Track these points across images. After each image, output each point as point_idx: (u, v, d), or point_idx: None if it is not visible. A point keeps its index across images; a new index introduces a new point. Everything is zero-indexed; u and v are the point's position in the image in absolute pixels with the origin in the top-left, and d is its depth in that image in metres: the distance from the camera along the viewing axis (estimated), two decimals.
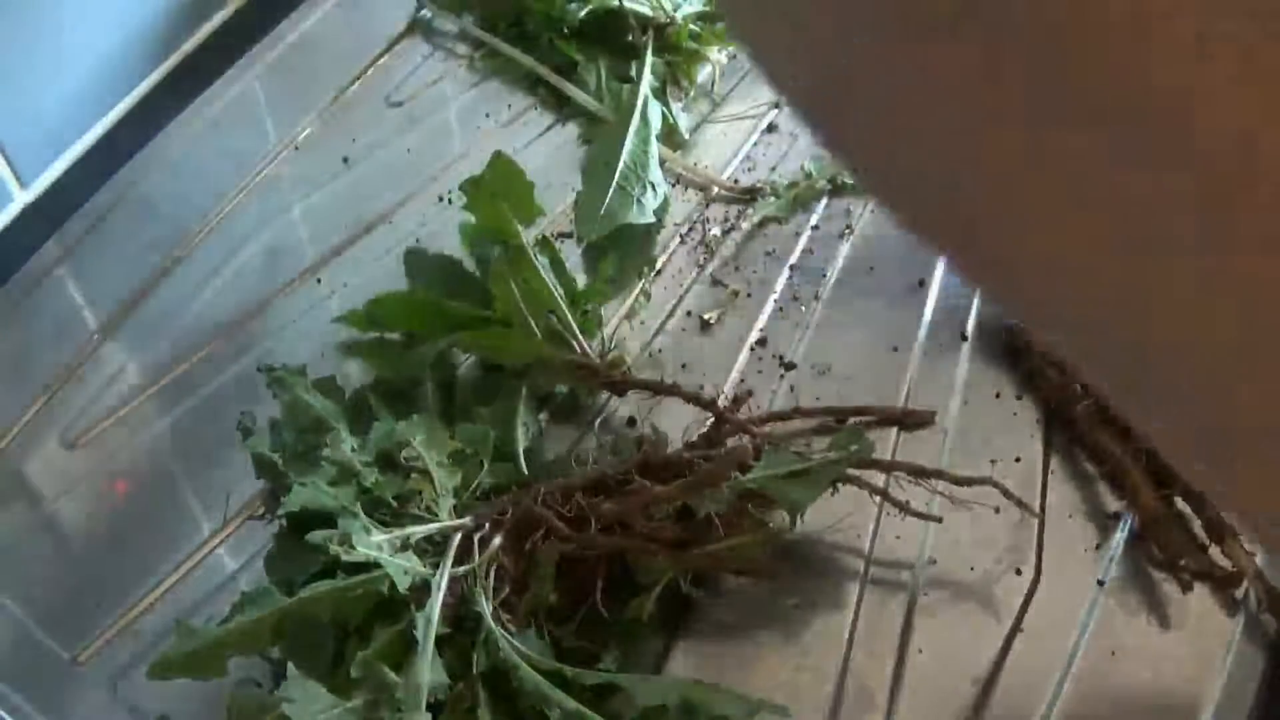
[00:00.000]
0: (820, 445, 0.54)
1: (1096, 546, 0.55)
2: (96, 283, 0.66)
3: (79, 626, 0.53)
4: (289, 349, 0.62)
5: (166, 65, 0.75)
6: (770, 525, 0.51)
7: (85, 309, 0.65)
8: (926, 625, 0.52)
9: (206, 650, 0.46)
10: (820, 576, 0.54)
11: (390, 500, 0.51)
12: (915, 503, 0.53)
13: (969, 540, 0.55)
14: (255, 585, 0.50)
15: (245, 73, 0.76)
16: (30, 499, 0.58)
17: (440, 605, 0.46)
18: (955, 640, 0.52)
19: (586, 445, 0.58)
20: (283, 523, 0.53)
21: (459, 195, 0.68)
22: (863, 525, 0.55)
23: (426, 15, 0.80)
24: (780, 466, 0.51)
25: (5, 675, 0.52)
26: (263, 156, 0.72)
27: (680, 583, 0.51)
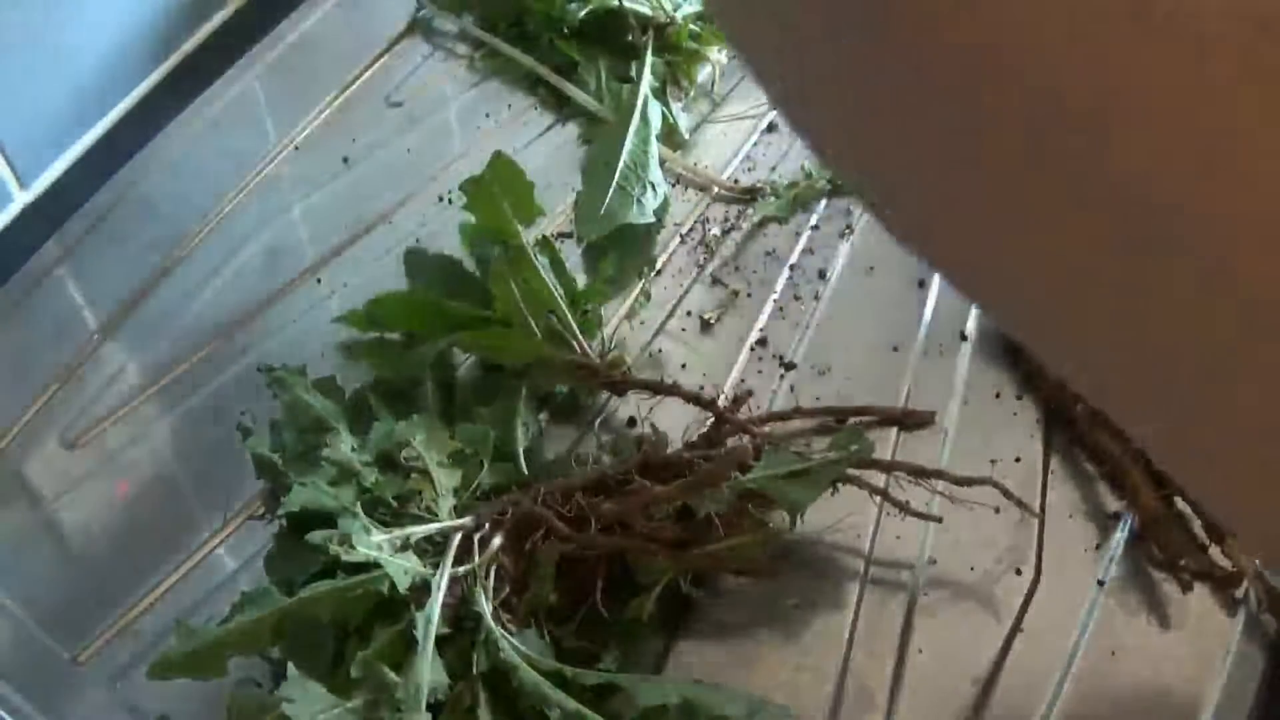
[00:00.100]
0: (820, 445, 0.54)
1: (1096, 546, 0.55)
2: (96, 283, 0.66)
3: (79, 626, 0.53)
4: (289, 349, 0.62)
5: (166, 65, 0.75)
6: (770, 525, 0.51)
7: (85, 309, 0.65)
8: (926, 625, 0.52)
9: (206, 650, 0.46)
10: (820, 576, 0.54)
11: (390, 500, 0.51)
12: (915, 503, 0.53)
13: (969, 540, 0.55)
14: (255, 585, 0.50)
15: (245, 73, 0.76)
16: (30, 499, 0.58)
17: (440, 605, 0.46)
18: (955, 640, 0.52)
19: (586, 445, 0.58)
20: (283, 523, 0.53)
21: (459, 195, 0.68)
22: (863, 525, 0.55)
23: (426, 15, 0.80)
24: (780, 466, 0.51)
25: (5, 675, 0.52)
26: (263, 156, 0.72)
27: (680, 583, 0.51)
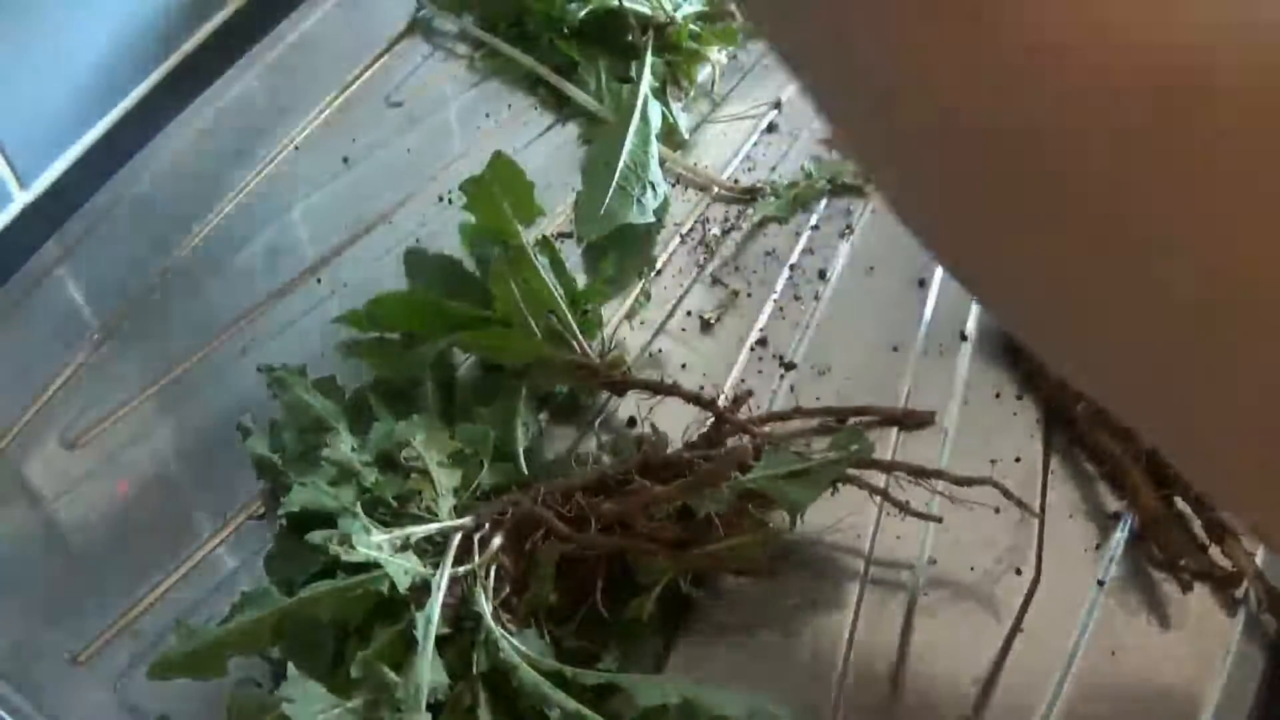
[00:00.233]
0: (820, 445, 0.54)
1: (1096, 546, 0.55)
2: (96, 283, 0.66)
3: (79, 626, 0.53)
4: (289, 349, 0.62)
5: (166, 65, 0.75)
6: (770, 525, 0.51)
7: (85, 309, 0.65)
8: (926, 625, 0.52)
9: (206, 650, 0.46)
10: (820, 576, 0.54)
11: (390, 500, 0.51)
12: (915, 503, 0.53)
13: (969, 540, 0.55)
14: (255, 585, 0.50)
15: (245, 73, 0.76)
16: (30, 499, 0.58)
17: (440, 605, 0.46)
18: (955, 640, 0.52)
19: (586, 445, 0.58)
20: (283, 523, 0.53)
21: (459, 195, 0.68)
22: (863, 525, 0.55)
23: (426, 15, 0.79)
24: (780, 466, 0.51)
25: (5, 675, 0.52)
26: (263, 156, 0.72)
27: (680, 583, 0.51)
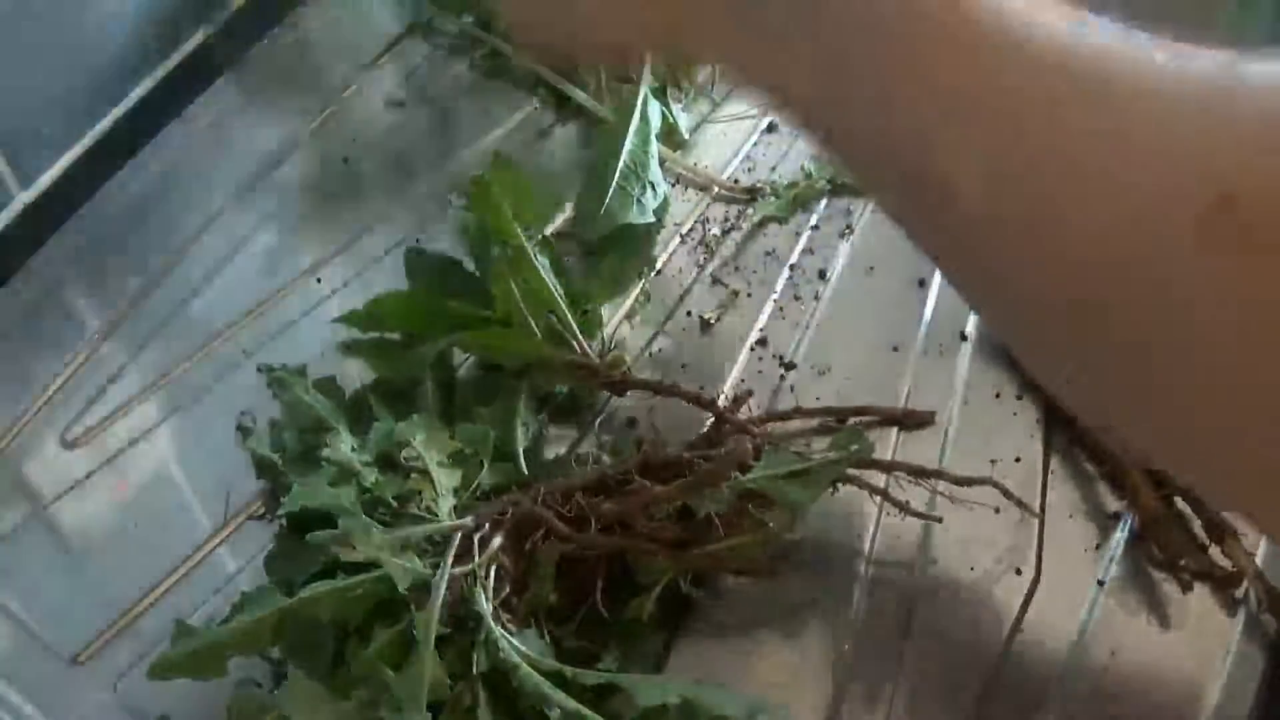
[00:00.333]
0: (820, 445, 0.54)
1: (1096, 546, 0.55)
2: (96, 283, 0.66)
3: (79, 626, 0.53)
4: (289, 349, 0.62)
5: (167, 65, 0.75)
6: (770, 525, 0.51)
7: (85, 309, 0.65)
8: (926, 625, 0.52)
9: (206, 650, 0.46)
10: (820, 576, 0.54)
11: (390, 500, 0.51)
12: (915, 503, 0.53)
13: (969, 540, 0.55)
14: (255, 585, 0.50)
15: (245, 73, 0.76)
16: (30, 499, 0.58)
17: (440, 605, 0.46)
18: (955, 640, 0.52)
19: (586, 445, 0.58)
20: (283, 523, 0.53)
21: (459, 195, 0.68)
22: (863, 525, 0.55)
23: (426, 15, 0.79)
24: (780, 466, 0.51)
25: (5, 675, 0.52)
26: (263, 157, 0.72)
27: (680, 583, 0.51)
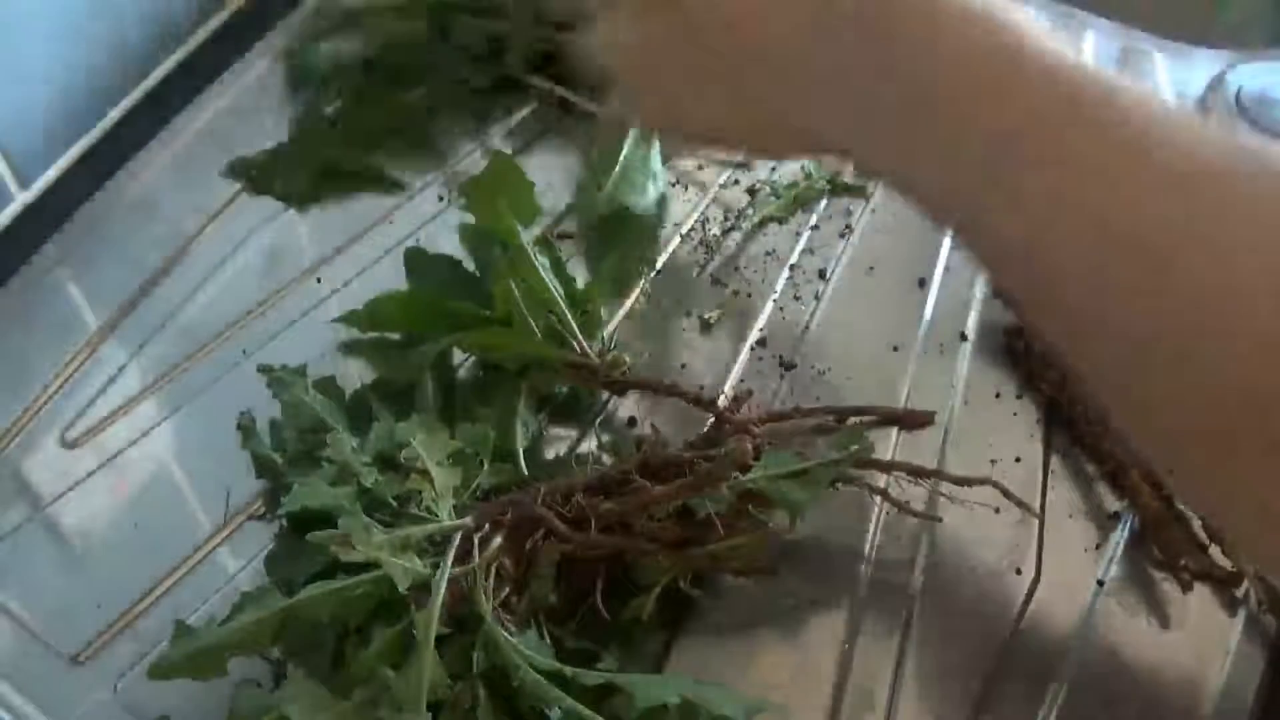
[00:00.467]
0: (820, 445, 0.54)
1: (1096, 546, 0.55)
2: (96, 283, 0.66)
3: (79, 626, 0.53)
4: (289, 349, 0.62)
5: (167, 65, 0.75)
6: (770, 525, 0.51)
7: (85, 309, 0.65)
8: (927, 625, 0.52)
9: (206, 650, 0.46)
10: (820, 576, 0.54)
11: (390, 500, 0.51)
12: (915, 502, 0.53)
13: (969, 540, 0.55)
14: (255, 585, 0.50)
15: (245, 73, 0.76)
16: (30, 499, 0.58)
17: (440, 605, 0.46)
18: (955, 640, 0.52)
19: (586, 445, 0.58)
20: (283, 523, 0.53)
21: (459, 195, 0.68)
22: (863, 525, 0.55)
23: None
24: (780, 466, 0.51)
25: (5, 675, 0.52)
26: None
27: (680, 583, 0.51)
